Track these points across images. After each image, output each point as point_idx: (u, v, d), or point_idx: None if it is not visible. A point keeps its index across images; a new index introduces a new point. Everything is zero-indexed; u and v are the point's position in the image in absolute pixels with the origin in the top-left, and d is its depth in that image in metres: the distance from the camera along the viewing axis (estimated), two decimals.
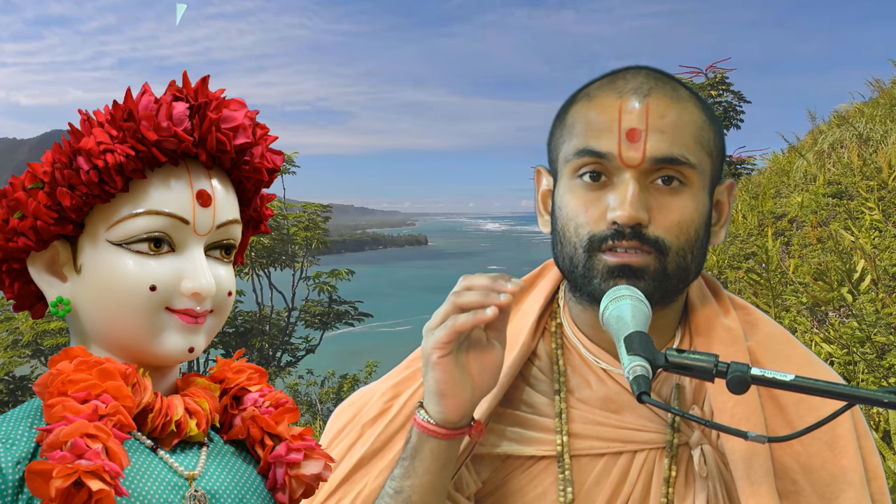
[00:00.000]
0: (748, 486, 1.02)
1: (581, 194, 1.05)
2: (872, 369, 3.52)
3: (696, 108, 1.07)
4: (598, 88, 1.07)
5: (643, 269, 1.02)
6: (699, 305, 1.13)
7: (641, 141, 1.01)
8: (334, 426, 1.19)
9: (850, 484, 1.04)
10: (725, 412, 1.05)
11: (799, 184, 7.12)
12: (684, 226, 1.03)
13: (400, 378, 1.18)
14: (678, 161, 1.02)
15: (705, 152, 1.06)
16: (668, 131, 1.02)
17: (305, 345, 11.72)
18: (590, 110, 1.06)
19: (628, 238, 1.01)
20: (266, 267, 11.17)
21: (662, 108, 1.03)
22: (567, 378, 1.12)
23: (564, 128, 1.09)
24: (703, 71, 10.27)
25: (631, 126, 1.02)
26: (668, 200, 1.03)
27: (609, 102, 1.04)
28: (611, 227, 1.02)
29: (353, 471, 1.12)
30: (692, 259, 1.06)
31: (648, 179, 1.03)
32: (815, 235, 5.45)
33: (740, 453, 1.03)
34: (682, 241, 1.04)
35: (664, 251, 1.03)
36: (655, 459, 1.07)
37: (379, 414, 1.15)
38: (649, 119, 1.02)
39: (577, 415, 1.09)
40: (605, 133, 1.03)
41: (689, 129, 1.04)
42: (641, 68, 1.08)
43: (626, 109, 1.03)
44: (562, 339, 1.14)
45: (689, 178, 1.04)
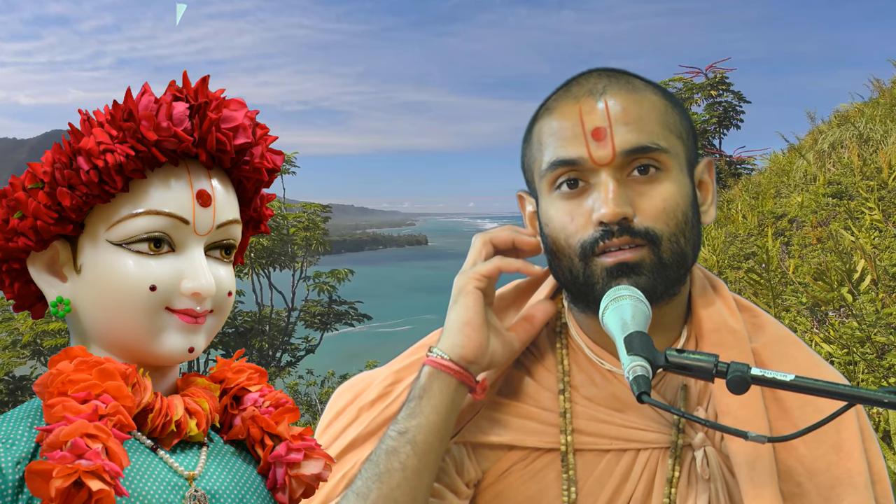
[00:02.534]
0: (752, 488, 1.02)
1: (563, 205, 1.05)
2: (872, 369, 3.52)
3: (654, 96, 1.08)
4: (556, 100, 1.09)
5: (640, 264, 1.02)
6: (703, 305, 1.13)
7: (608, 137, 1.02)
8: (333, 407, 1.20)
9: (855, 487, 1.04)
10: (730, 414, 1.05)
11: (799, 184, 7.12)
12: (670, 211, 1.03)
13: (403, 365, 1.18)
14: (649, 148, 1.03)
15: (674, 135, 1.07)
16: (631, 122, 1.03)
17: (305, 345, 11.74)
18: (552, 121, 1.07)
19: (618, 235, 1.01)
20: (266, 267, 11.18)
21: (621, 101, 1.04)
22: (572, 376, 1.12)
23: (532, 145, 1.11)
24: (703, 71, 10.27)
25: (594, 125, 1.03)
26: (648, 189, 1.03)
27: (569, 109, 1.06)
28: (598, 228, 1.02)
29: (344, 451, 1.13)
30: (686, 242, 1.06)
31: (624, 173, 1.03)
32: (815, 235, 5.45)
33: (744, 456, 1.03)
34: (673, 227, 1.04)
35: (656, 241, 1.03)
36: (658, 459, 1.07)
37: (377, 398, 1.16)
38: (611, 115, 1.03)
39: (581, 411, 1.10)
40: (572, 139, 1.04)
41: (652, 115, 1.05)
42: (593, 70, 1.10)
43: (586, 111, 1.04)
44: (567, 339, 1.15)
45: (664, 163, 1.04)
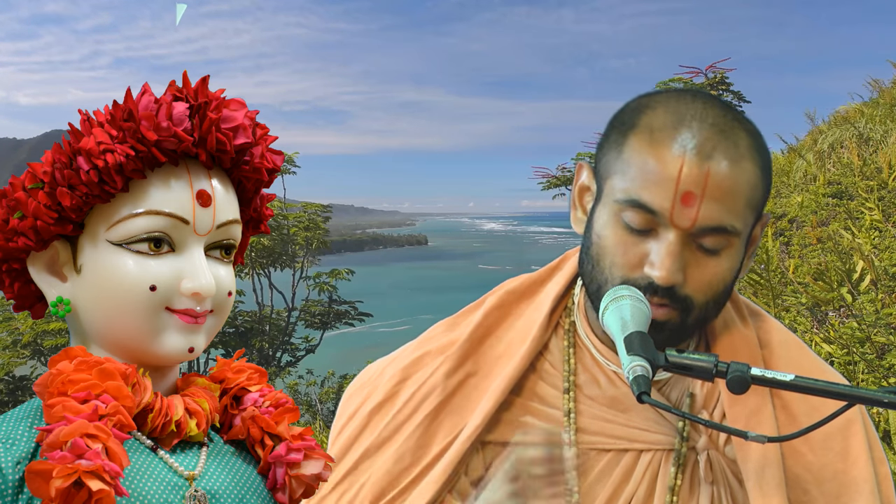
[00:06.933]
0: (760, 495, 1.02)
1: (621, 234, 1.03)
2: (872, 369, 3.52)
3: (752, 165, 1.02)
4: (662, 129, 1.02)
5: (665, 323, 1.02)
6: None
7: (695, 207, 0.99)
8: (344, 413, 1.19)
9: (862, 494, 1.04)
10: (739, 422, 1.05)
11: (799, 184, 7.12)
12: (715, 285, 1.03)
13: (409, 360, 1.18)
14: (726, 231, 1.01)
15: (752, 212, 1.05)
16: (722, 199, 1.00)
17: (305, 345, 11.73)
18: (648, 157, 1.01)
19: (660, 295, 1.01)
20: (266, 267, 11.17)
21: (722, 174, 0.99)
22: (577, 376, 1.12)
23: (620, 157, 1.05)
24: (702, 71, 10.27)
25: (688, 189, 0.99)
26: (705, 261, 1.02)
27: (670, 157, 1.00)
28: (645, 279, 1.01)
29: (359, 461, 1.12)
30: (714, 308, 1.06)
31: (692, 240, 1.01)
32: (815, 235, 5.44)
33: (753, 463, 1.04)
34: (709, 297, 1.04)
35: (689, 308, 1.03)
36: (661, 461, 1.07)
37: (386, 399, 1.15)
38: (707, 187, 0.99)
39: (585, 410, 1.10)
40: (661, 189, 1.00)
41: (743, 193, 1.01)
42: (709, 107, 1.03)
43: (686, 171, 0.99)
44: (574, 337, 1.15)
45: (731, 242, 1.03)
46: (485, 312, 1.17)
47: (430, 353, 1.17)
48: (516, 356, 1.12)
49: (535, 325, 1.14)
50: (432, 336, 1.20)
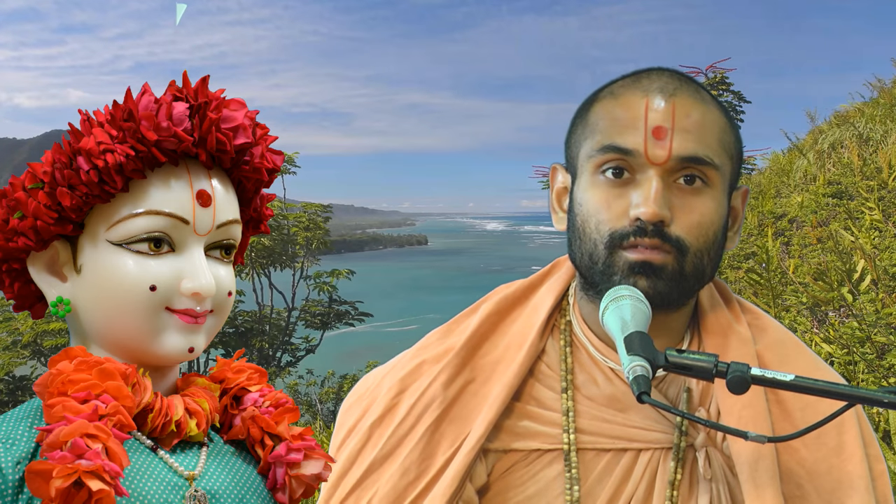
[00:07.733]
0: (753, 489, 1.02)
1: (603, 190, 1.05)
2: (872, 369, 3.52)
3: (718, 111, 1.08)
4: (623, 87, 1.08)
5: (663, 268, 1.03)
6: (709, 308, 1.14)
7: (668, 139, 1.02)
8: (344, 425, 1.19)
9: (856, 490, 1.04)
10: (733, 416, 1.05)
11: (799, 184, 7.12)
12: (704, 227, 1.04)
13: (406, 371, 1.17)
14: (703, 161, 1.03)
15: (727, 155, 1.07)
16: (693, 131, 1.03)
17: (305, 345, 11.72)
18: (615, 107, 1.06)
19: (650, 235, 1.02)
20: (266, 267, 11.17)
21: (688, 107, 1.04)
22: (574, 375, 1.12)
23: (587, 125, 1.10)
24: (703, 71, 10.25)
25: (657, 124, 1.03)
26: (690, 200, 1.04)
27: (635, 100, 1.05)
28: (633, 223, 1.02)
29: (364, 476, 1.11)
30: (708, 261, 1.06)
31: (671, 178, 1.03)
32: (815, 235, 5.44)
33: (746, 457, 1.03)
34: (701, 243, 1.04)
35: (683, 251, 1.03)
36: (660, 460, 1.07)
37: (386, 412, 1.14)
38: (676, 118, 1.03)
39: (583, 411, 1.10)
40: (631, 130, 1.04)
41: (713, 130, 1.05)
42: (665, 69, 1.09)
43: (652, 107, 1.03)
44: (570, 336, 1.15)
45: (711, 178, 1.04)
46: (480, 319, 1.17)
47: (427, 361, 1.16)
48: (514, 362, 1.11)
49: (532, 329, 1.13)
50: (428, 344, 1.20)
